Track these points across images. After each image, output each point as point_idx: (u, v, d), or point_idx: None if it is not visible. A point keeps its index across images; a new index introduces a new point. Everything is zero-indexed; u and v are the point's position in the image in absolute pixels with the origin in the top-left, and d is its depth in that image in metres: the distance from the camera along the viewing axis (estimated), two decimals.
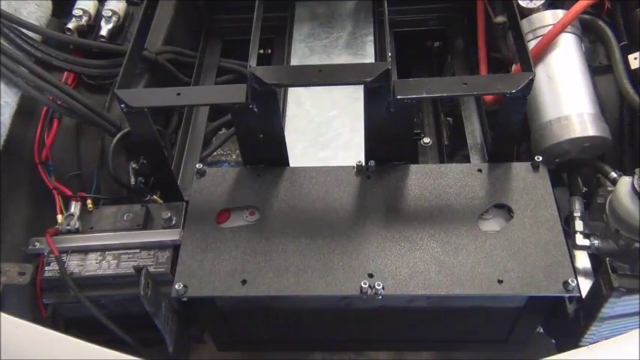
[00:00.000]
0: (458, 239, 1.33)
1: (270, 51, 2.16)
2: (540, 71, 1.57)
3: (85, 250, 1.41)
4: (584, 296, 1.29)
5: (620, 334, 1.09)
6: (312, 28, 2.05)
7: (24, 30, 1.64)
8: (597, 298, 1.21)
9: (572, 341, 1.33)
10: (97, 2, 1.87)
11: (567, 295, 1.24)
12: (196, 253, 1.35)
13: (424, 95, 1.28)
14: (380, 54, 1.92)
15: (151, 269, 1.35)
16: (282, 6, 2.11)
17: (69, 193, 1.51)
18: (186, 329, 1.56)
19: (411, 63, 2.21)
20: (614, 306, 1.20)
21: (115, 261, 1.40)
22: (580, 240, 1.43)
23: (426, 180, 1.44)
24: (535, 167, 1.44)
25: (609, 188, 1.44)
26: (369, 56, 1.93)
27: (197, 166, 1.50)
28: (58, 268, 1.37)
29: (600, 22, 1.69)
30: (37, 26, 1.70)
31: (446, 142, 1.91)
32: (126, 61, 1.39)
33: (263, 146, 1.45)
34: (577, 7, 1.57)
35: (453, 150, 1.95)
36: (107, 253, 1.41)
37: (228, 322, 1.49)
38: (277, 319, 1.51)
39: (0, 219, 1.43)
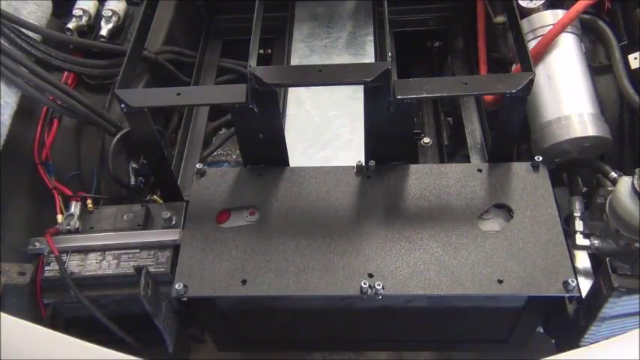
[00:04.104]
0: (458, 239, 1.33)
1: (270, 51, 2.16)
2: (540, 71, 1.57)
3: (85, 250, 1.41)
4: (584, 296, 1.29)
5: (620, 334, 1.09)
6: (312, 28, 2.05)
7: (24, 30, 1.64)
8: (597, 298, 1.21)
9: (572, 341, 1.33)
10: (97, 2, 1.87)
11: (567, 295, 1.24)
12: (196, 253, 1.35)
13: (424, 95, 1.28)
14: (380, 54, 1.92)
15: (151, 269, 1.35)
16: (282, 6, 2.11)
17: (69, 193, 1.51)
18: (186, 329, 1.56)
19: (411, 63, 2.21)
20: (614, 306, 1.20)
21: (115, 261, 1.40)
22: (580, 240, 1.43)
23: (426, 180, 1.44)
24: (535, 167, 1.43)
25: (609, 188, 1.44)
26: (369, 56, 1.93)
27: (197, 166, 1.50)
28: (58, 268, 1.37)
29: (600, 22, 1.69)
30: (37, 26, 1.70)
31: (446, 142, 1.91)
32: (126, 61, 1.39)
33: (263, 146, 1.45)
34: (577, 7, 1.57)
35: (453, 150, 1.95)
36: (107, 253, 1.41)
37: (228, 322, 1.49)
38: (277, 319, 1.51)
39: (0, 219, 1.43)
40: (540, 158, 1.43)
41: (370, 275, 1.28)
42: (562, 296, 1.26)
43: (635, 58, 1.59)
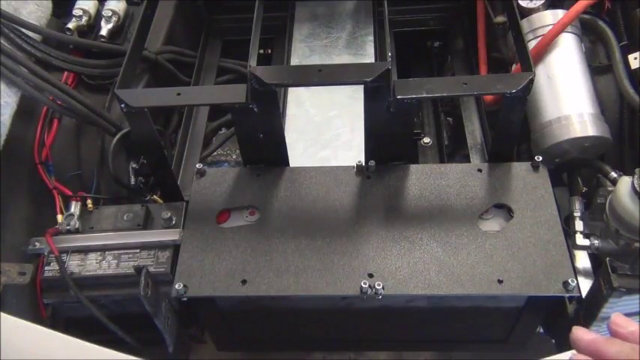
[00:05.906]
0: (458, 239, 1.33)
1: (270, 51, 2.16)
2: (540, 71, 1.57)
3: (85, 250, 1.41)
4: (584, 296, 1.29)
5: None
6: (312, 28, 2.05)
7: (24, 30, 1.64)
8: (597, 298, 1.21)
9: None
10: (97, 2, 1.87)
11: (567, 295, 1.24)
12: (196, 253, 1.35)
13: (424, 95, 1.28)
14: (380, 54, 1.92)
15: (151, 269, 1.35)
16: (282, 6, 2.11)
17: (69, 193, 1.51)
18: (186, 329, 1.56)
19: (411, 63, 2.20)
20: (614, 306, 1.20)
21: (115, 261, 1.40)
22: (580, 240, 1.43)
23: (426, 180, 1.44)
24: (535, 167, 1.43)
25: (609, 188, 1.44)
26: (369, 56, 1.93)
27: (197, 166, 1.50)
28: (58, 268, 1.37)
29: (600, 22, 1.69)
30: (37, 26, 1.70)
31: (446, 142, 1.91)
32: (126, 61, 1.38)
33: (263, 146, 1.45)
34: (577, 7, 1.57)
35: (453, 150, 1.95)
36: (107, 253, 1.41)
37: (228, 322, 1.49)
38: (277, 319, 1.51)
39: (0, 219, 1.43)
40: (540, 158, 1.43)
41: (370, 275, 1.28)
42: (562, 296, 1.26)
43: (635, 58, 1.59)
